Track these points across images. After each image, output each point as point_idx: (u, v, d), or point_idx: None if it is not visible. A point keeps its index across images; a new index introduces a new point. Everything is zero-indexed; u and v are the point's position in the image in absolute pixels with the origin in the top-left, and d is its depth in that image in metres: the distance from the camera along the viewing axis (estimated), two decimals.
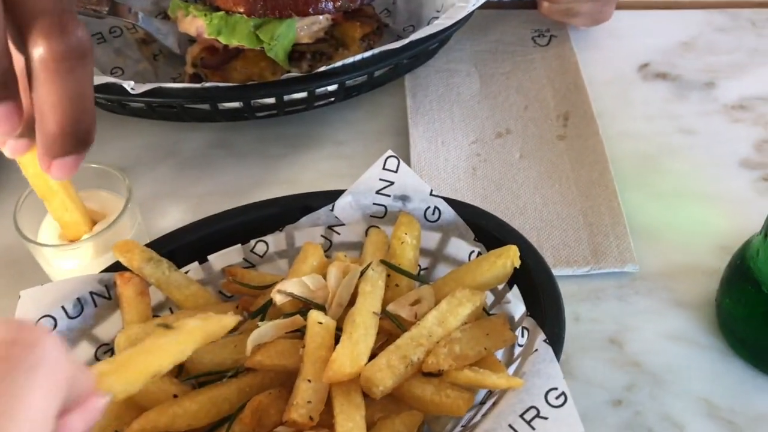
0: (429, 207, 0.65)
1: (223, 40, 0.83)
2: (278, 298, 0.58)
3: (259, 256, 0.67)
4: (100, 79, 0.79)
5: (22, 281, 0.75)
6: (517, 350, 0.59)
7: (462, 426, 0.57)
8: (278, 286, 0.58)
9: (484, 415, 0.54)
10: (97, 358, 0.61)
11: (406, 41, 0.80)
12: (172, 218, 0.80)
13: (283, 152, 0.87)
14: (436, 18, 0.90)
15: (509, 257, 0.60)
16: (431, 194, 0.65)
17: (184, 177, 0.85)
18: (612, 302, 0.71)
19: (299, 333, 0.57)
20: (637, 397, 0.64)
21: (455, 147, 0.85)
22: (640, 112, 0.89)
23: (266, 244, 0.67)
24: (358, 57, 0.79)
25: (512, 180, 0.81)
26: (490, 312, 0.63)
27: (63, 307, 0.59)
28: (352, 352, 0.53)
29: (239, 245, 0.66)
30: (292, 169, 0.85)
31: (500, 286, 0.63)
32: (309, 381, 0.54)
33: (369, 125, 0.89)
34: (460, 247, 0.65)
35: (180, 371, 0.60)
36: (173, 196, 0.83)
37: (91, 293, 0.60)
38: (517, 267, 0.60)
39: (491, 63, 0.95)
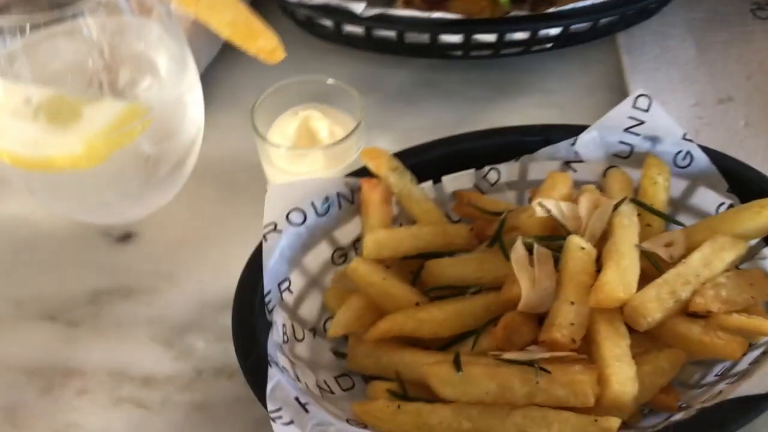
0: (681, 151, 0.62)
1: None
2: (538, 210, 0.56)
3: (490, 184, 0.65)
4: (321, 0, 0.79)
5: (235, 192, 0.77)
6: None
7: (717, 375, 0.54)
8: (538, 200, 0.56)
9: (754, 363, 0.51)
10: (333, 261, 0.61)
11: None
12: (381, 147, 0.79)
13: (490, 96, 0.85)
14: None
15: None
16: (684, 138, 0.62)
17: (389, 111, 0.84)
18: None
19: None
20: None
21: (676, 107, 0.81)
22: None
23: (498, 172, 0.65)
24: (587, 2, 0.77)
25: (738, 147, 0.76)
26: (741, 267, 0.59)
27: (312, 203, 0.59)
28: (623, 278, 0.51)
29: (472, 170, 0.65)
30: (499, 113, 0.83)
31: (753, 241, 0.59)
32: (571, 303, 0.51)
33: (580, 78, 0.86)
34: (708, 198, 0.62)
35: (414, 283, 0.59)
36: (379, 128, 0.82)
37: (338, 194, 0.60)
38: None
39: (707, 31, 0.91)
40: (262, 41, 0.64)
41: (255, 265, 0.55)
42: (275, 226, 0.57)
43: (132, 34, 0.66)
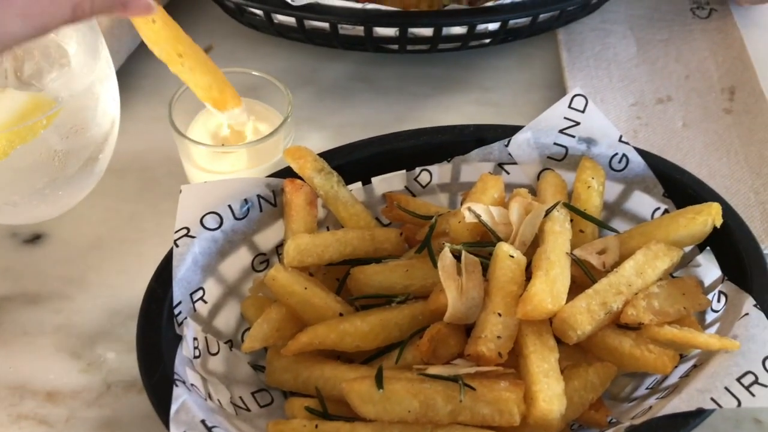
0: (616, 154, 0.60)
1: None
2: (467, 216, 0.53)
3: (422, 186, 0.63)
4: None
5: (154, 188, 0.72)
6: (711, 316, 0.54)
7: (648, 388, 0.52)
8: (467, 206, 0.54)
9: (684, 377, 0.49)
10: (253, 268, 0.57)
11: None
12: (311, 144, 0.73)
13: (427, 92, 0.82)
14: None
15: (710, 214, 0.55)
16: (620, 140, 0.60)
17: (323, 106, 0.81)
18: None
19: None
20: None
21: (615, 107, 0.79)
22: None
23: (430, 173, 0.62)
24: None
25: (676, 148, 0.76)
26: (675, 275, 0.58)
27: (230, 206, 0.55)
28: (552, 289, 0.49)
29: (403, 171, 0.62)
30: (436, 110, 0.81)
31: (688, 248, 0.58)
32: (499, 315, 0.49)
33: (518, 75, 0.84)
34: (644, 202, 0.60)
35: (339, 291, 0.56)
36: (311, 123, 0.79)
37: (259, 196, 0.56)
38: (717, 227, 0.55)
39: (647, 29, 0.89)
40: (231, 105, 0.65)
41: (164, 274, 0.51)
42: (188, 230, 0.53)
43: None
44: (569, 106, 0.61)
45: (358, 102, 0.81)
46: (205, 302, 0.53)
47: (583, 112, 0.61)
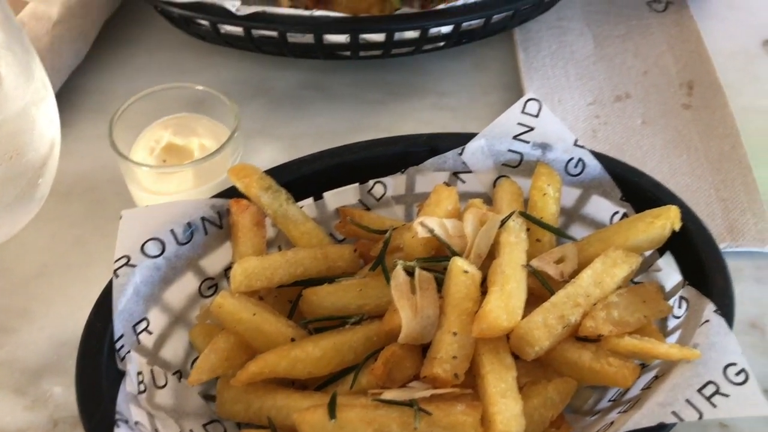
0: (572, 158, 0.59)
1: None
2: (420, 230, 0.51)
3: (376, 199, 0.61)
4: None
5: (101, 210, 0.70)
6: (673, 322, 0.53)
7: (611, 401, 0.51)
8: (420, 220, 0.52)
9: (645, 389, 0.48)
10: (201, 294, 0.55)
11: None
12: (264, 157, 0.74)
13: (382, 98, 0.80)
14: None
15: (669, 218, 0.54)
16: (576, 144, 0.59)
17: (276, 116, 0.78)
18: (751, 284, 0.65)
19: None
20: None
21: (573, 106, 0.78)
22: (767, 87, 0.83)
23: (384, 186, 0.61)
24: None
25: (636, 146, 0.75)
26: (636, 281, 0.56)
27: (172, 231, 0.52)
28: (507, 305, 0.47)
29: (356, 185, 0.60)
30: (392, 117, 0.79)
31: (648, 253, 0.56)
32: (454, 334, 0.47)
33: (475, 78, 0.82)
34: (602, 207, 0.59)
35: (292, 313, 0.54)
36: (264, 135, 0.76)
37: (203, 219, 0.54)
38: (676, 231, 0.54)
39: (604, 24, 0.88)
40: None
41: (103, 307, 0.49)
42: (128, 259, 0.51)
43: None
44: (523, 111, 0.59)
45: (311, 111, 0.79)
46: (150, 333, 0.51)
47: (537, 116, 0.59)
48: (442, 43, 0.78)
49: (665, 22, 0.89)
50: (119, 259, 0.51)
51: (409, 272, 0.51)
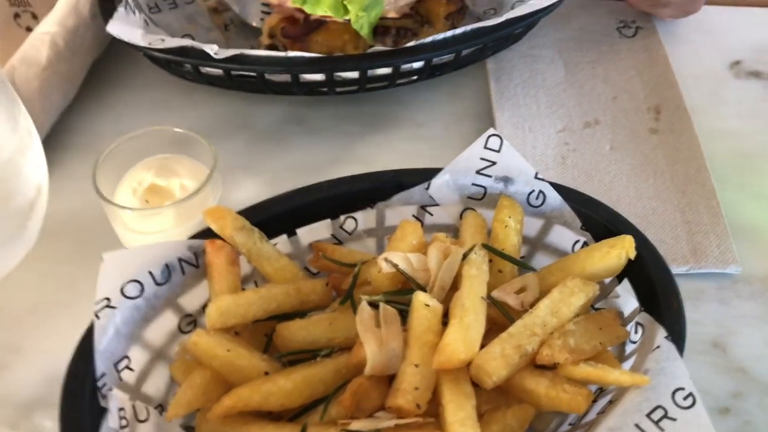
0: (533, 191, 0.62)
1: (308, 9, 0.79)
2: (384, 266, 0.54)
3: (348, 233, 0.64)
4: (178, 42, 0.76)
5: (90, 248, 0.72)
6: (630, 347, 0.55)
7: (570, 424, 0.53)
8: (384, 256, 0.55)
9: (600, 413, 0.50)
10: (180, 330, 0.58)
11: (500, 19, 0.77)
12: (247, 192, 0.77)
13: (360, 131, 0.83)
14: (522, 2, 0.86)
15: (624, 248, 0.56)
16: (536, 177, 0.62)
17: (258, 151, 0.82)
18: (713, 304, 0.67)
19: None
20: (745, 405, 0.61)
21: (543, 134, 0.81)
22: (733, 110, 0.85)
23: (355, 221, 0.63)
24: (448, 34, 0.76)
25: (604, 172, 0.77)
26: (596, 307, 0.59)
27: (150, 273, 0.55)
28: (465, 338, 0.50)
29: (328, 220, 0.63)
30: (369, 149, 0.82)
31: (607, 280, 0.59)
32: (416, 366, 0.50)
33: (449, 107, 0.85)
34: (564, 236, 0.62)
35: (268, 347, 0.57)
36: (246, 170, 0.79)
37: (180, 260, 0.57)
38: (632, 259, 0.57)
39: (575, 51, 0.91)
40: None
41: (85, 348, 0.52)
42: (109, 301, 0.54)
43: None
44: (485, 147, 0.62)
45: (292, 145, 0.82)
46: (132, 370, 0.54)
47: (498, 151, 0.62)
48: (415, 77, 0.81)
49: (634, 47, 0.92)
50: (100, 301, 0.53)
51: (375, 306, 0.54)
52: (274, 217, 0.61)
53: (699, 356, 0.64)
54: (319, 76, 0.77)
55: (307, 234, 0.63)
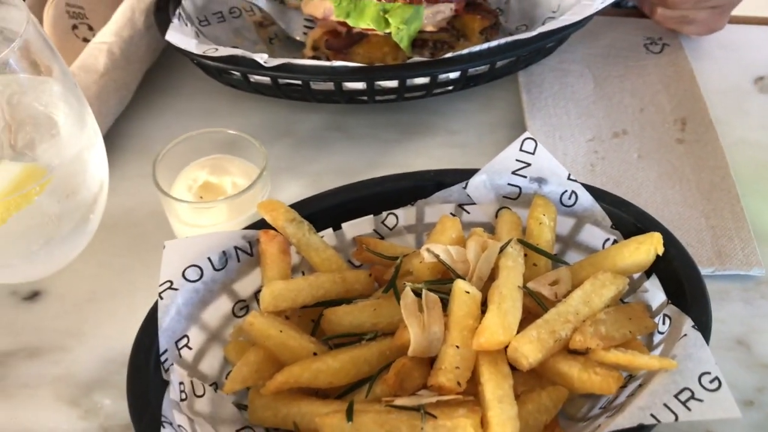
0: (566, 191, 0.65)
1: (351, 22, 0.84)
2: (426, 256, 0.58)
3: (389, 228, 0.67)
4: (230, 51, 0.81)
5: (143, 242, 0.77)
6: (657, 337, 0.58)
7: (601, 408, 0.56)
8: (426, 247, 0.59)
9: (630, 396, 0.53)
10: (234, 314, 0.62)
11: (533, 33, 0.81)
12: (290, 192, 0.81)
13: (397, 138, 0.88)
14: (552, 18, 0.90)
15: (652, 244, 0.60)
16: (569, 178, 0.65)
17: (300, 155, 0.86)
18: (737, 304, 0.70)
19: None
20: None
21: (573, 143, 0.84)
22: (757, 122, 0.88)
23: (396, 217, 0.67)
24: (484, 46, 0.80)
25: (632, 179, 0.81)
26: (625, 301, 0.62)
27: (209, 258, 0.59)
28: (503, 322, 0.53)
29: (371, 216, 0.67)
30: (405, 155, 0.86)
31: (636, 275, 0.62)
32: (457, 347, 0.53)
33: (483, 117, 0.89)
34: (594, 235, 0.65)
35: (315, 331, 0.60)
36: (290, 172, 0.84)
37: (236, 248, 0.61)
38: (660, 255, 0.60)
39: (604, 66, 0.95)
40: None
41: (150, 325, 0.56)
42: (171, 283, 0.58)
43: (30, 94, 0.67)
44: (520, 149, 0.66)
45: (333, 150, 0.87)
46: (190, 348, 0.58)
47: (533, 153, 0.66)
48: (451, 87, 0.85)
49: (661, 63, 0.95)
50: (163, 283, 0.58)
51: (417, 293, 0.57)
52: (321, 211, 0.65)
53: (724, 352, 0.67)
54: (360, 85, 0.82)
55: (351, 228, 0.67)
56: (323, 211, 0.65)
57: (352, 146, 0.87)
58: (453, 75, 0.82)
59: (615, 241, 0.64)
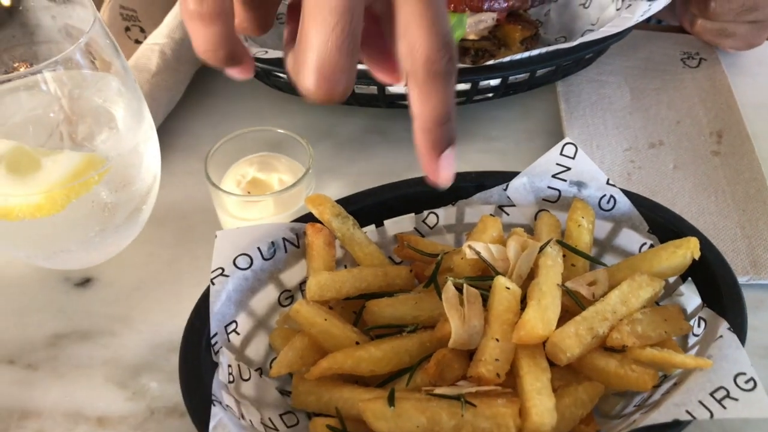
0: (604, 195, 0.67)
1: None
2: (468, 252, 0.60)
3: (429, 227, 0.69)
4: (278, 54, 0.84)
5: (190, 235, 0.80)
6: (692, 340, 0.60)
7: (635, 406, 0.58)
8: (467, 244, 0.60)
9: (665, 394, 0.54)
10: (280, 303, 0.64)
11: (573, 43, 0.82)
12: (331, 192, 0.83)
13: None
14: (591, 31, 0.92)
15: (689, 248, 0.61)
16: (608, 183, 0.67)
17: (341, 157, 0.88)
18: None
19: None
20: None
21: (609, 152, 0.86)
22: None
23: (437, 216, 0.69)
24: (525, 54, 0.82)
25: (667, 189, 0.82)
26: (660, 304, 0.63)
27: (259, 248, 0.62)
28: (543, 317, 0.55)
29: (412, 214, 0.69)
30: None
31: (672, 279, 0.63)
32: (496, 340, 0.55)
33: (521, 124, 0.91)
34: (632, 239, 0.66)
35: (357, 322, 0.62)
36: (332, 172, 0.86)
37: (284, 239, 0.63)
38: (696, 259, 0.61)
39: (641, 79, 0.97)
40: None
41: (202, 309, 0.59)
42: (222, 270, 0.60)
43: (91, 88, 0.70)
44: (561, 153, 0.68)
45: (373, 153, 0.89)
46: (238, 334, 0.60)
47: (573, 158, 0.68)
48: (491, 94, 0.87)
49: (698, 77, 0.97)
50: (215, 270, 0.60)
51: (458, 288, 0.59)
52: (365, 207, 0.67)
53: (758, 359, 0.67)
54: (402, 89, 0.84)
55: (393, 225, 0.69)
56: (367, 207, 0.68)
57: (392, 149, 0.89)
58: (493, 82, 0.84)
59: (651, 246, 0.65)
